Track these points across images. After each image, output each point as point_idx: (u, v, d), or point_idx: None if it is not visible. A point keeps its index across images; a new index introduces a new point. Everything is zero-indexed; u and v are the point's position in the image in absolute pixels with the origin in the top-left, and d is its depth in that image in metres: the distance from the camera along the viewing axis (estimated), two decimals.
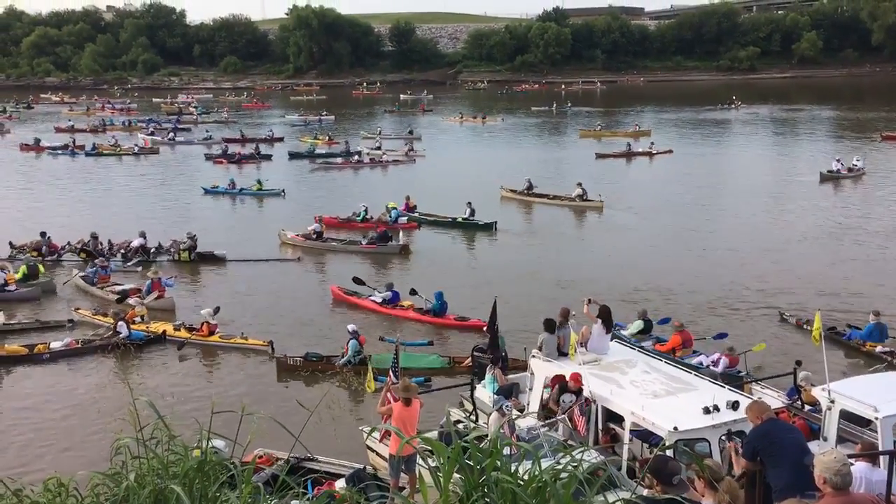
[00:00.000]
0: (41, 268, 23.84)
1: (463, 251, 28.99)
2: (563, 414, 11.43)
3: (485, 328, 16.40)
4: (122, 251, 26.51)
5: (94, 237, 26.84)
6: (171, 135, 60.85)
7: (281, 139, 58.73)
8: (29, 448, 14.10)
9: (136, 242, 26.51)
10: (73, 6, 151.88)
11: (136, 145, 54.91)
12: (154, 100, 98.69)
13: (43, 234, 27.19)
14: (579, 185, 35.66)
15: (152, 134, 60.80)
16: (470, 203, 31.39)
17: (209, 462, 4.56)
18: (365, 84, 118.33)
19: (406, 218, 31.31)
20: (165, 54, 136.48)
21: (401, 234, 28.18)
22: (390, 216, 30.85)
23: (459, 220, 31.10)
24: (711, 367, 15.58)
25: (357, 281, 22.03)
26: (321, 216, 29.53)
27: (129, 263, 25.70)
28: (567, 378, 11.68)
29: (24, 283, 23.00)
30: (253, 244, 28.20)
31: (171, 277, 23.28)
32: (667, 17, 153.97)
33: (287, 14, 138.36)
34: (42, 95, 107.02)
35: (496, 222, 30.62)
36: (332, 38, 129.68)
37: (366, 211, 31.36)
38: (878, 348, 17.57)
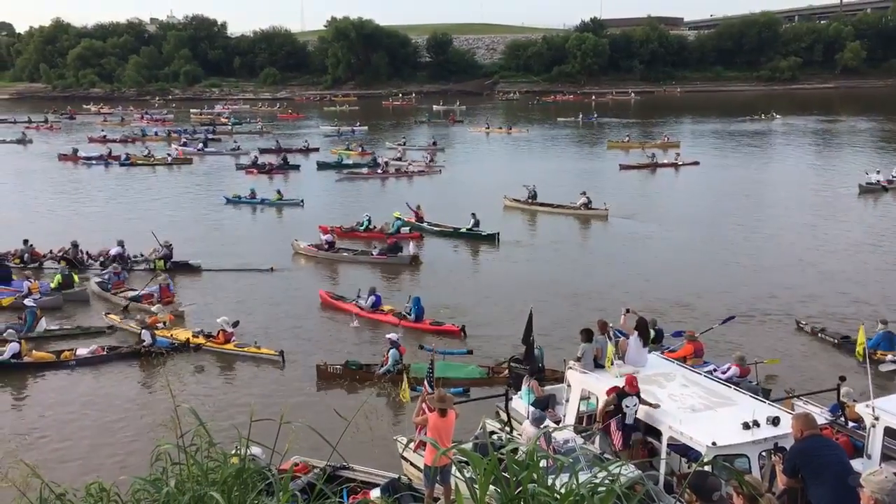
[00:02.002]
0: (76, 277, 24.20)
1: (470, 262, 29.00)
2: (605, 423, 11.33)
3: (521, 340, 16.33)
4: (101, 259, 26.83)
5: (75, 245, 27.24)
6: (201, 145, 61.61)
7: (316, 149, 59.22)
8: (67, 452, 14.31)
9: (114, 251, 26.89)
10: (117, 19, 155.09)
11: (168, 155, 55.70)
12: (192, 110, 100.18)
13: (25, 241, 27.55)
14: (584, 193, 35.69)
15: (185, 144, 61.65)
16: (474, 214, 31.47)
17: (248, 469, 4.59)
18: (400, 95, 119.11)
19: (409, 228, 31.42)
20: (207, 66, 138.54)
21: (411, 244, 28.33)
22: (392, 226, 31.01)
23: (463, 230, 31.16)
24: (719, 375, 15.34)
25: (333, 296, 22.97)
26: (332, 227, 29.97)
27: (105, 271, 25.84)
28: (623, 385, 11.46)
29: (58, 292, 23.37)
30: (266, 253, 28.48)
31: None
32: (706, 27, 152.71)
33: (326, 26, 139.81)
34: (85, 106, 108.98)
35: (499, 233, 30.61)
36: (370, 50, 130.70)
37: (369, 220, 31.55)
38: (889, 357, 17.54)
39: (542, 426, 11.54)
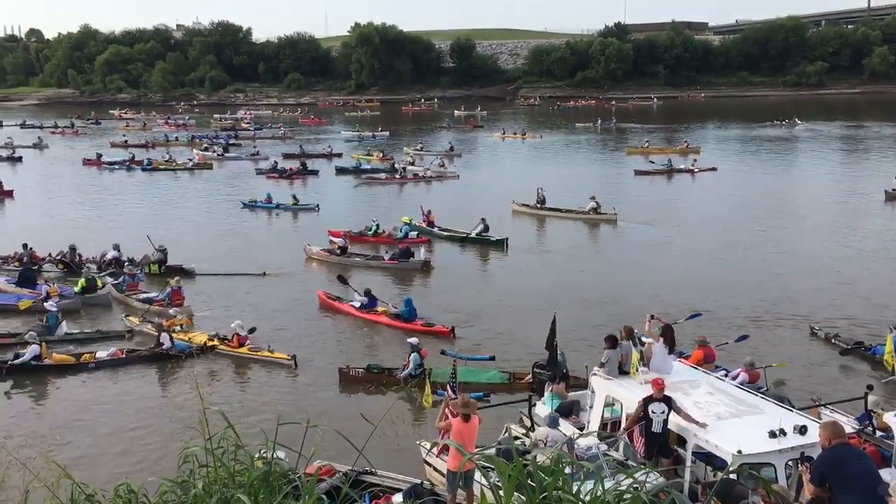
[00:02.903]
0: (99, 282, 24.42)
1: (480, 267, 29.05)
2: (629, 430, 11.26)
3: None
4: (97, 263, 27.07)
5: (73, 249, 27.45)
6: (222, 150, 62.03)
7: (339, 155, 59.49)
8: (91, 453, 14.45)
9: (110, 255, 27.14)
10: (144, 25, 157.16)
11: (189, 160, 56.21)
12: (215, 115, 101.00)
13: (25, 245, 27.77)
14: (592, 198, 35.63)
15: (206, 149, 62.15)
16: (484, 219, 31.45)
17: (274, 473, 4.62)
18: (423, 100, 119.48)
19: (416, 233, 31.44)
20: (232, 71, 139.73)
21: (422, 249, 28.36)
22: (400, 231, 31.10)
23: (472, 235, 31.16)
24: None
25: (341, 279, 23.45)
26: (345, 232, 30.12)
27: (102, 275, 26.00)
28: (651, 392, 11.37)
29: (80, 295, 23.62)
30: (279, 258, 28.66)
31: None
32: (731, 32, 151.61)
33: (349, 31, 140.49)
34: (110, 111, 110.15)
35: (507, 239, 30.54)
36: (394, 55, 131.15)
37: (377, 226, 31.64)
38: None
39: (555, 428, 11.53)
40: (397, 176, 48.35)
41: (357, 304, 22.21)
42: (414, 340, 17.83)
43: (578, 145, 68.69)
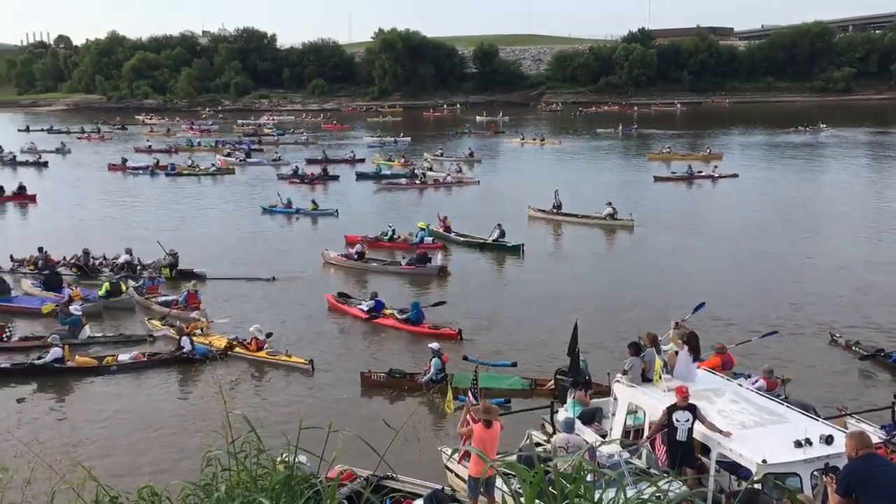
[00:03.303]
0: (123, 286, 24.64)
1: (497, 273, 29.04)
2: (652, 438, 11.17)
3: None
4: (110, 267, 27.36)
5: (86, 253, 27.68)
6: (244, 156, 62.47)
7: (362, 160, 59.73)
8: (113, 455, 14.55)
9: (123, 258, 27.40)
10: (171, 32, 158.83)
11: (212, 165, 56.68)
12: (239, 121, 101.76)
13: (40, 249, 28.05)
14: (609, 203, 35.46)
15: (228, 155, 62.62)
16: (500, 224, 31.42)
17: (296, 477, 4.64)
18: (445, 106, 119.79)
19: (432, 239, 31.48)
20: (256, 77, 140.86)
21: (439, 255, 28.36)
22: (416, 237, 31.16)
23: (489, 241, 31.18)
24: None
25: (342, 295, 23.86)
26: (362, 237, 30.24)
27: (115, 278, 26.19)
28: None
29: (105, 299, 23.89)
30: (297, 263, 28.81)
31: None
32: (757, 38, 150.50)
33: (373, 38, 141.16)
34: (136, 117, 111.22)
35: (523, 245, 30.55)
36: (417, 61, 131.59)
37: (393, 231, 31.72)
38: None
39: (571, 432, 11.47)
40: (417, 181, 48.48)
41: (365, 308, 22.44)
42: (435, 346, 17.83)
43: (599, 151, 68.46)
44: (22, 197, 43.64)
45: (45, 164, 60.58)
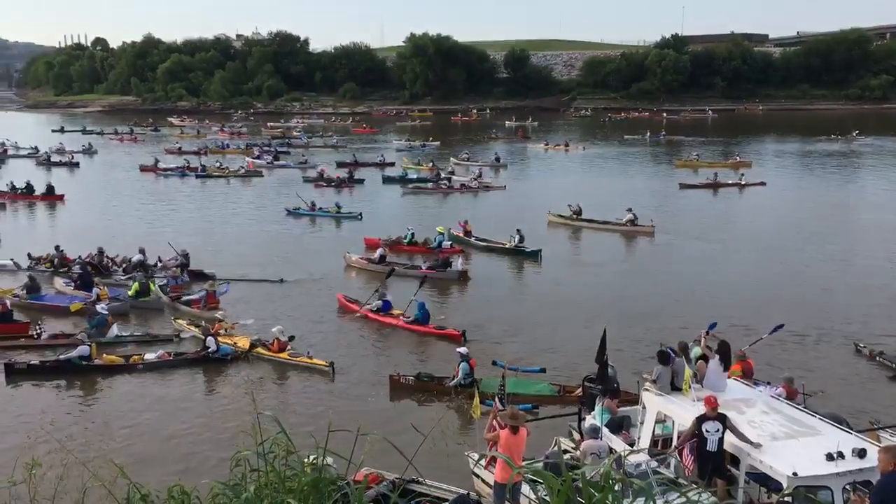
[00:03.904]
0: (152, 286, 24.92)
1: (517, 278, 29.04)
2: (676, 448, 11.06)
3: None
4: (123, 266, 27.72)
5: (101, 252, 28.11)
6: (271, 158, 62.90)
7: (391, 164, 59.92)
8: (140, 453, 14.69)
9: (136, 258, 27.71)
10: (205, 35, 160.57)
11: (241, 167, 57.19)
12: (268, 124, 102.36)
13: (57, 247, 28.62)
14: (629, 210, 35.41)
15: (258, 157, 63.10)
16: (519, 230, 31.46)
17: (324, 479, 4.66)
18: (475, 110, 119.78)
19: (451, 243, 31.60)
20: (289, 80, 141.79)
21: (460, 260, 28.34)
22: (435, 241, 31.29)
23: (508, 246, 31.28)
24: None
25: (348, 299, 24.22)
26: (383, 241, 30.44)
27: (125, 277, 26.78)
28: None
29: (134, 300, 24.22)
30: (319, 265, 28.99)
31: (225, 283, 24.73)
32: (793, 45, 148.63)
33: (405, 42, 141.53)
34: (169, 118, 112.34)
35: (541, 250, 30.55)
36: (448, 66, 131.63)
37: (413, 234, 31.82)
38: None
39: (597, 438, 11.39)
40: (443, 185, 48.53)
41: (373, 308, 22.89)
42: (463, 350, 17.85)
43: (625, 158, 68.02)
44: (51, 197, 44.50)
45: (77, 165, 61.57)
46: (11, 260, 28.79)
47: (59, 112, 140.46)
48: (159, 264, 27.84)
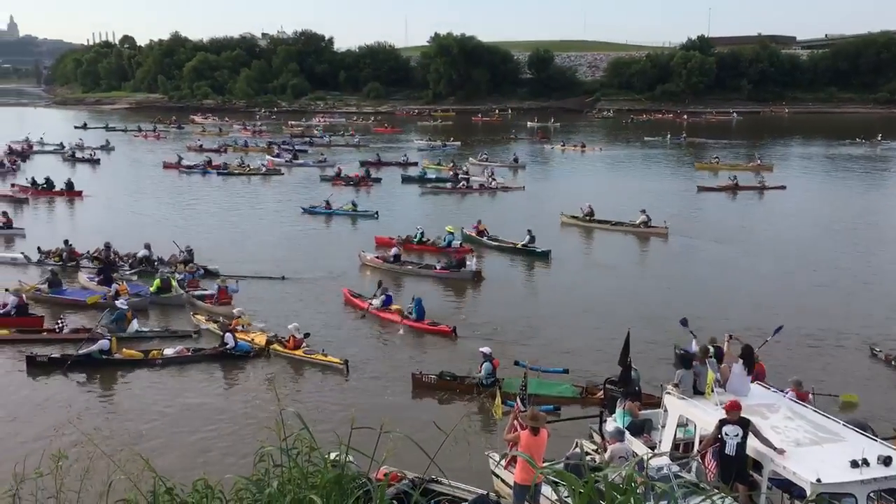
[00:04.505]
0: (173, 282, 25.15)
1: (531, 279, 29.13)
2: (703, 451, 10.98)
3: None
4: (130, 261, 28.23)
5: (108, 247, 28.67)
6: (290, 157, 63.32)
7: (415, 164, 60.02)
8: (162, 447, 14.85)
9: (142, 253, 28.19)
10: (231, 33, 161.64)
11: (263, 165, 57.59)
12: (290, 122, 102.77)
13: (66, 241, 29.18)
14: (643, 211, 35.38)
15: (277, 156, 63.47)
16: (530, 230, 31.61)
17: (346, 476, 4.68)
18: (496, 111, 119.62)
19: (459, 242, 31.79)
20: (313, 79, 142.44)
21: (474, 260, 28.38)
22: (444, 240, 31.52)
23: (519, 246, 31.48)
24: None
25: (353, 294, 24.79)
26: (399, 241, 30.52)
27: (130, 272, 27.28)
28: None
29: (157, 295, 24.49)
30: (333, 263, 29.18)
31: (236, 281, 24.92)
32: (820, 47, 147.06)
33: (429, 42, 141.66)
34: (192, 116, 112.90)
35: (550, 251, 30.74)
36: (472, 66, 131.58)
37: (422, 234, 32.00)
38: None
39: (622, 441, 11.33)
40: (461, 186, 48.59)
41: (375, 303, 23.32)
42: (486, 350, 17.87)
43: (644, 159, 67.67)
44: (70, 193, 45.23)
45: (98, 162, 62.44)
46: (22, 253, 29.61)
47: (87, 109, 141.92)
48: (164, 259, 28.27)
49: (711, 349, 13.46)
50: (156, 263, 27.80)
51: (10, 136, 71.60)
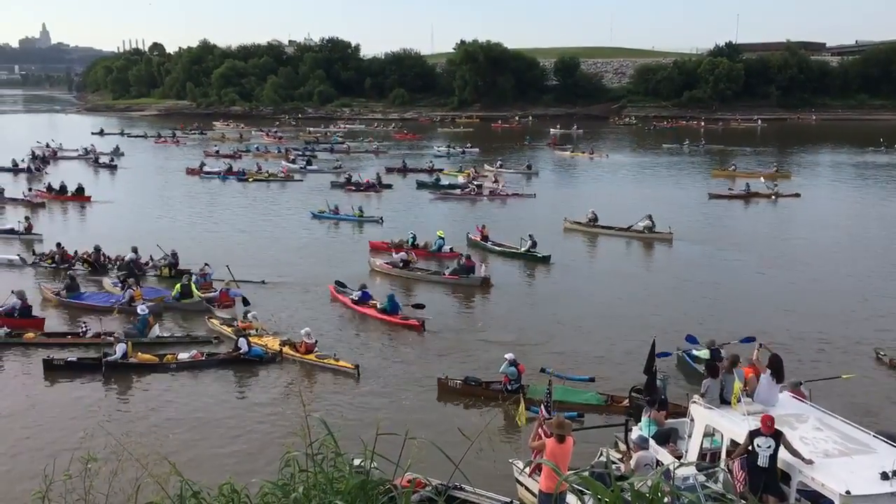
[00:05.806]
0: (194, 288, 25.22)
1: (537, 285, 29.07)
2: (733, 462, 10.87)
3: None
4: (117, 264, 28.66)
5: (97, 249, 29.15)
6: (304, 163, 63.68)
7: (441, 170, 60.00)
8: (179, 451, 14.91)
9: (129, 257, 28.55)
10: (259, 41, 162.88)
11: (281, 171, 58.11)
12: (308, 129, 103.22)
13: (58, 244, 29.86)
14: (648, 217, 35.18)
15: (293, 162, 63.90)
16: (531, 235, 31.72)
17: (371, 482, 4.69)
18: (517, 118, 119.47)
19: (450, 247, 31.98)
20: (339, 86, 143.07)
21: (483, 266, 28.35)
22: (434, 245, 31.81)
23: (521, 251, 31.64)
24: None
25: (340, 284, 25.84)
26: (394, 242, 31.13)
27: (117, 274, 27.51)
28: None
29: (178, 301, 24.68)
30: (339, 269, 29.09)
31: (239, 287, 25.27)
32: (851, 53, 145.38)
33: (455, 49, 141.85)
34: (214, 123, 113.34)
35: (550, 255, 30.89)
36: (497, 72, 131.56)
37: (414, 238, 32.15)
38: None
39: (646, 448, 11.24)
40: (471, 192, 48.56)
41: (354, 297, 24.04)
42: (511, 356, 17.78)
43: (659, 166, 66.89)
44: (80, 197, 46.09)
45: (115, 167, 63.54)
46: (18, 255, 30.43)
47: (117, 115, 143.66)
48: (150, 263, 28.85)
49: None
50: (143, 267, 28.38)
51: (37, 142, 73.13)
